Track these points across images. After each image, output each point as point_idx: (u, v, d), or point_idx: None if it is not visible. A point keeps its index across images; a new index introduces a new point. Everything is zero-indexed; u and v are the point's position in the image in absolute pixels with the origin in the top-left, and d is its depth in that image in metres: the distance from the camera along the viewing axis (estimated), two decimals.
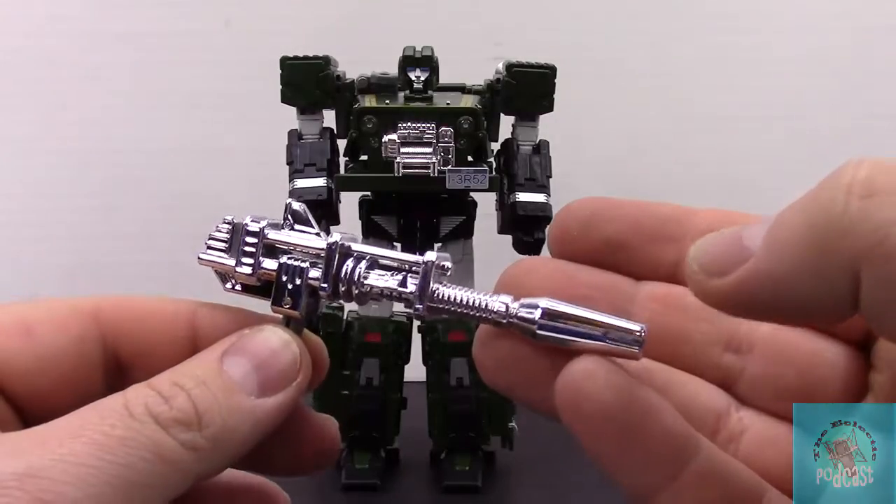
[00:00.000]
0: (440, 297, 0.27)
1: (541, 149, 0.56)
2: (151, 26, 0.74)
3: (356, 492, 0.56)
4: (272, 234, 0.28)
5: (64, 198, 0.76)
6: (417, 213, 0.56)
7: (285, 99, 0.55)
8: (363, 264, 0.27)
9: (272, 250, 0.28)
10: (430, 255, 0.27)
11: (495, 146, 0.57)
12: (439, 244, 0.57)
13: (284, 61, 0.54)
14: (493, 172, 0.55)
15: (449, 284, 0.27)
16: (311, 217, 0.28)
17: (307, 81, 0.54)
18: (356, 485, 0.56)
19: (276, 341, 0.28)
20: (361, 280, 0.27)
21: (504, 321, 0.26)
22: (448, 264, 0.27)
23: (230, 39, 0.75)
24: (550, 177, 0.56)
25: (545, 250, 0.28)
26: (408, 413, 0.59)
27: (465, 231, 0.57)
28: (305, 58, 0.54)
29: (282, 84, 0.55)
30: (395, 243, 0.57)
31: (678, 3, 0.76)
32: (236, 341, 0.27)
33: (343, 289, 0.27)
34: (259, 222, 0.28)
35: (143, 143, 0.76)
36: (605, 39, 0.75)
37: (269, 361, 0.27)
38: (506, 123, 0.57)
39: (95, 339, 0.29)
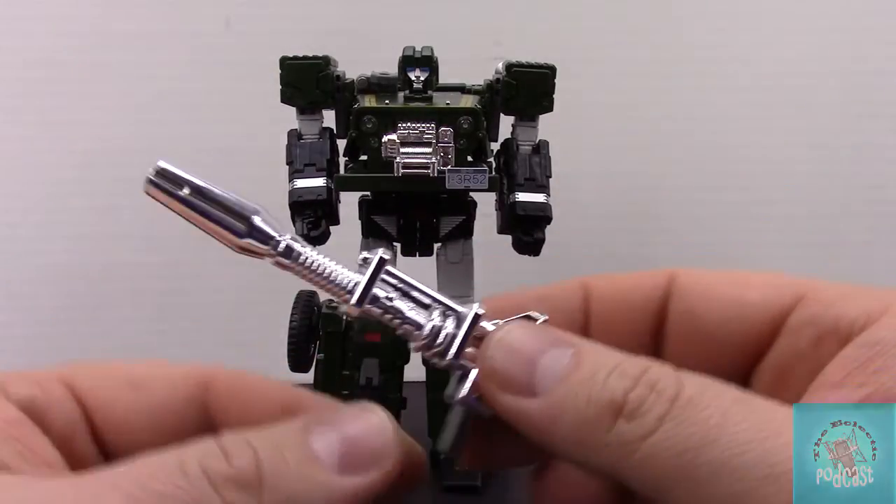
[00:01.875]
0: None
1: (540, 149, 0.56)
2: (151, 26, 0.74)
3: None
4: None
5: (64, 198, 0.76)
6: (417, 213, 0.56)
7: (285, 99, 0.55)
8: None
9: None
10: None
11: (495, 146, 0.57)
12: (439, 244, 0.57)
13: (284, 61, 0.54)
14: (493, 172, 0.55)
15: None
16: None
17: (307, 81, 0.54)
18: None
19: (370, 419, 0.26)
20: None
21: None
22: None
23: (230, 39, 0.75)
24: (550, 177, 0.56)
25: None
26: (408, 413, 0.59)
27: (464, 231, 0.57)
28: (305, 58, 0.54)
29: (281, 84, 0.55)
30: (394, 243, 0.57)
31: (678, 3, 0.76)
32: (328, 414, 0.26)
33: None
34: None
35: (143, 142, 0.75)
36: (605, 39, 0.75)
37: (358, 438, 0.26)
38: (506, 123, 0.57)
39: (201, 404, 0.29)
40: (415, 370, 0.58)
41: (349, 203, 0.57)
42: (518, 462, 0.29)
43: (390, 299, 0.28)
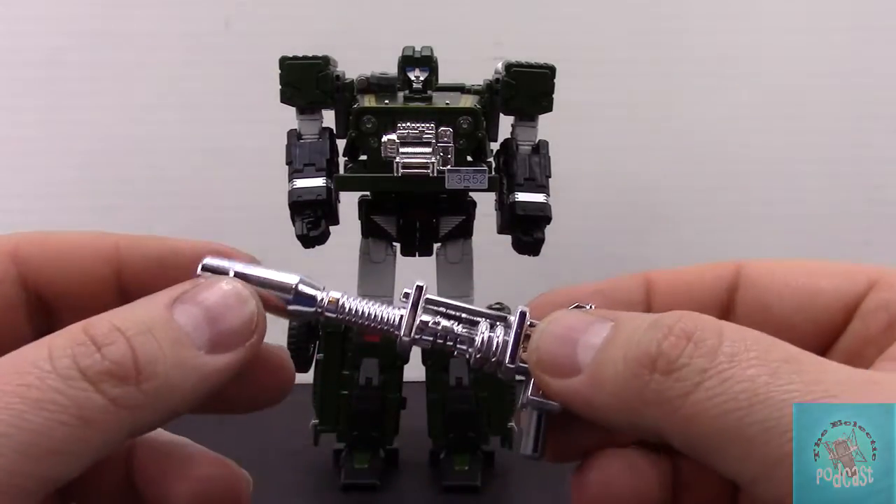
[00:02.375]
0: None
1: (540, 149, 0.56)
2: (151, 26, 0.74)
3: (356, 492, 0.56)
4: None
5: (64, 198, 0.76)
6: (417, 213, 0.56)
7: (285, 99, 0.55)
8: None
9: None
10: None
11: (495, 146, 0.57)
12: (438, 244, 0.57)
13: (284, 61, 0.54)
14: (493, 172, 0.55)
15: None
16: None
17: (306, 81, 0.54)
18: (356, 485, 0.56)
19: (232, 294, 0.26)
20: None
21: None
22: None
23: (230, 39, 0.75)
24: (550, 177, 0.56)
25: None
26: (407, 413, 0.59)
27: (464, 231, 0.57)
28: (305, 58, 0.54)
29: (281, 84, 0.54)
30: (394, 243, 0.57)
31: (678, 3, 0.76)
32: (190, 289, 0.26)
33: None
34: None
35: (143, 143, 0.76)
36: (605, 39, 0.75)
37: (224, 316, 0.26)
38: (505, 123, 0.57)
39: (14, 279, 0.28)
40: (415, 370, 0.58)
41: (349, 203, 0.57)
42: (601, 446, 0.29)
43: (437, 324, 0.29)
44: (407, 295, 0.29)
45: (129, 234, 0.29)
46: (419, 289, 0.29)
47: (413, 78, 0.54)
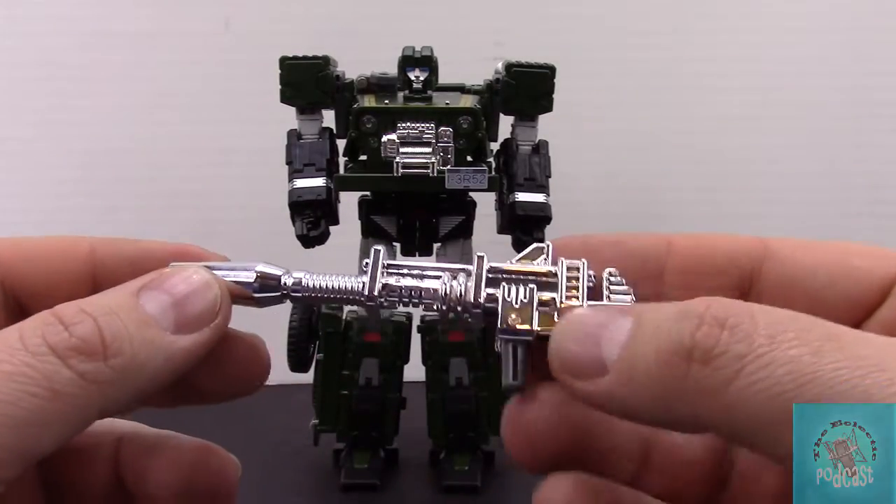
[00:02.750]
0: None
1: (540, 149, 0.56)
2: (151, 26, 0.74)
3: (356, 492, 0.56)
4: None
5: (64, 198, 0.76)
6: (417, 213, 0.56)
7: (285, 99, 0.55)
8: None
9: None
10: None
11: (495, 146, 0.57)
12: (438, 244, 0.57)
13: (284, 61, 0.54)
14: (493, 172, 0.55)
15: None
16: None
17: (306, 81, 0.54)
18: (356, 485, 0.56)
19: (196, 280, 0.27)
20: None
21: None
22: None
23: (230, 39, 0.75)
24: (550, 177, 0.56)
25: None
26: (407, 413, 0.59)
27: (464, 231, 0.57)
28: (305, 58, 0.54)
29: (281, 84, 0.55)
30: (394, 243, 0.57)
31: (678, 3, 0.76)
32: (155, 277, 0.27)
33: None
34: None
35: (143, 143, 0.75)
36: (606, 39, 0.75)
37: (188, 299, 0.27)
38: (505, 123, 0.57)
39: None
40: (415, 370, 0.58)
41: (349, 203, 0.57)
42: None
43: (399, 282, 0.29)
44: (367, 264, 0.29)
45: (103, 236, 0.30)
46: (377, 252, 0.29)
47: (413, 78, 0.54)
